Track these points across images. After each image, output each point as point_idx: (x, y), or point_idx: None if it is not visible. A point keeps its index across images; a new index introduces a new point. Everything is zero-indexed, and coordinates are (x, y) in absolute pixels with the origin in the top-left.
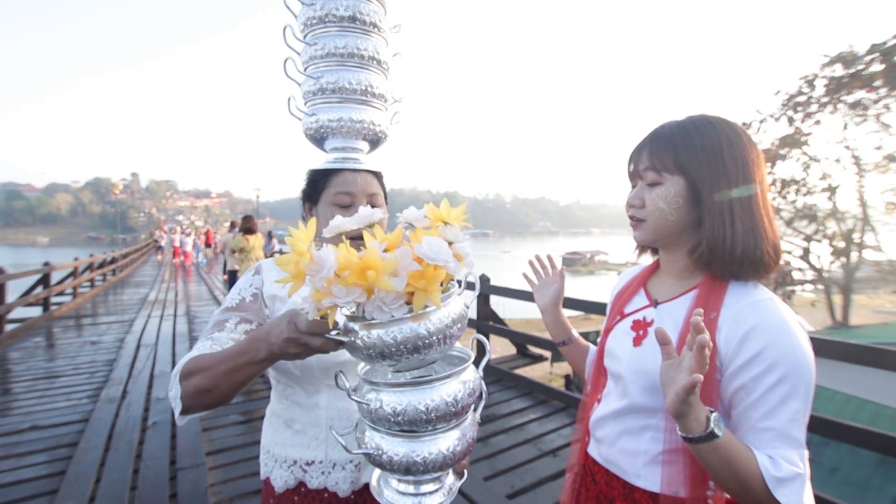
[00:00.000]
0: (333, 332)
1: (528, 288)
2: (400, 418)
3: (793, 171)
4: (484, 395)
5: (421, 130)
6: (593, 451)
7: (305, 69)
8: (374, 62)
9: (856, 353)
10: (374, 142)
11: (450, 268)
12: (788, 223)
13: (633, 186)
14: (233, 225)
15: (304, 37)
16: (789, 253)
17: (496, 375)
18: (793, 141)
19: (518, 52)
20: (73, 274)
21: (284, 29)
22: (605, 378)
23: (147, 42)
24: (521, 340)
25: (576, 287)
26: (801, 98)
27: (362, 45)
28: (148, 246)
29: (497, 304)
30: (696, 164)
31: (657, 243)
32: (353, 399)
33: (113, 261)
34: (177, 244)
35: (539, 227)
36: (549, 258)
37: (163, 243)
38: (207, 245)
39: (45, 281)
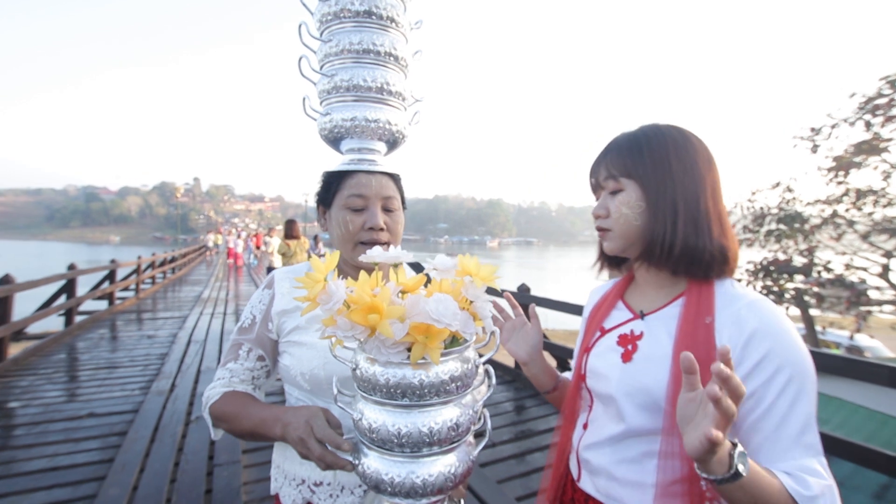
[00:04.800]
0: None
1: (570, 300)
2: (374, 436)
3: (870, 181)
4: (488, 431)
5: (467, 137)
6: (587, 485)
7: (321, 67)
8: (392, 59)
9: None
10: (392, 143)
11: (453, 329)
12: (864, 237)
13: (598, 199)
14: (269, 231)
15: (321, 34)
16: (865, 270)
17: (534, 389)
18: (870, 147)
19: (567, 58)
20: (136, 271)
21: (300, 27)
22: (581, 401)
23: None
24: (561, 354)
25: None
26: (882, 100)
27: (378, 41)
28: (203, 247)
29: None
30: (643, 168)
31: (627, 252)
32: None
33: (172, 260)
34: (231, 245)
35: (585, 237)
36: (508, 297)
37: (210, 244)
38: (257, 247)
39: (111, 277)
